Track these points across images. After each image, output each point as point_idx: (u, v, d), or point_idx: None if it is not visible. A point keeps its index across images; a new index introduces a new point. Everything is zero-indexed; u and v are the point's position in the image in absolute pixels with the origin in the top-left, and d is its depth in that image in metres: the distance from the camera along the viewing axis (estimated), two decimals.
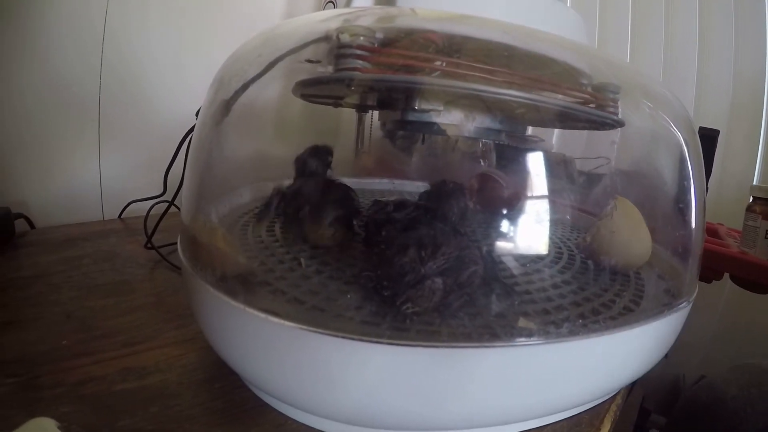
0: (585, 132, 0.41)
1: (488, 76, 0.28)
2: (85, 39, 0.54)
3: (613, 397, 0.29)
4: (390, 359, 0.19)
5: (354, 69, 0.24)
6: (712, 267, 0.43)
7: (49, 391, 0.24)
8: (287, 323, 0.19)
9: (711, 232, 0.53)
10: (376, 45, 0.26)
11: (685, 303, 0.29)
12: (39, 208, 0.53)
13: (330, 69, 0.26)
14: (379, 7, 0.28)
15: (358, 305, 0.22)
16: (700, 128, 0.41)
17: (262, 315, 0.19)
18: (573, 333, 0.23)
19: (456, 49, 0.28)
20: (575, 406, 0.26)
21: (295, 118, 0.40)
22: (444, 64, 0.27)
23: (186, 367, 0.27)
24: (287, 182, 0.34)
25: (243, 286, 0.22)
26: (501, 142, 0.34)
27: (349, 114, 0.42)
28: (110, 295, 0.36)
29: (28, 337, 0.29)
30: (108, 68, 0.56)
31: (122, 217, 0.58)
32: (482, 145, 0.36)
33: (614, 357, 0.25)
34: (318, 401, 0.21)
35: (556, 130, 0.41)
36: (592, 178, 0.41)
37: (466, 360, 0.20)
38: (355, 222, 0.29)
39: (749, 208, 0.46)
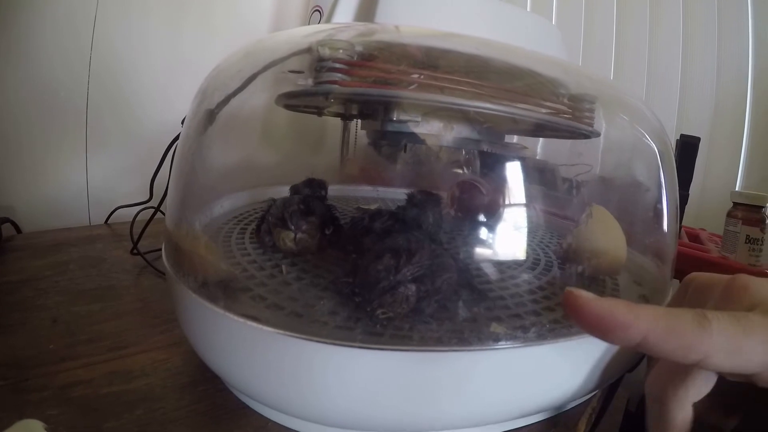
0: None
1: (465, 89, 0.30)
2: (73, 45, 0.56)
3: (589, 400, 0.31)
4: (363, 363, 0.21)
5: (333, 82, 0.26)
6: (693, 272, 0.45)
7: (36, 394, 0.26)
8: (265, 328, 0.21)
9: (692, 237, 0.55)
10: (355, 58, 0.27)
11: None
12: (26, 212, 0.54)
13: (310, 81, 0.27)
14: (362, 24, 0.29)
15: (334, 311, 0.24)
16: (681, 135, 0.42)
17: (242, 320, 0.21)
18: (542, 337, 0.24)
19: (434, 62, 0.30)
20: (548, 410, 0.28)
21: (280, 127, 0.42)
22: (421, 77, 0.29)
23: (170, 370, 0.29)
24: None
25: (224, 292, 0.24)
26: (485, 150, 0.36)
27: (334, 121, 0.44)
28: (96, 300, 0.37)
29: (16, 342, 0.31)
30: (95, 74, 0.58)
31: (109, 222, 0.59)
32: (465, 153, 0.38)
33: (585, 362, 0.26)
34: (296, 404, 0.22)
35: (542, 138, 0.42)
36: (575, 185, 0.43)
37: (436, 363, 0.21)
38: (326, 230, 0.31)
39: (729, 214, 0.48)
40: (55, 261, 0.45)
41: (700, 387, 0.19)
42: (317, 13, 0.60)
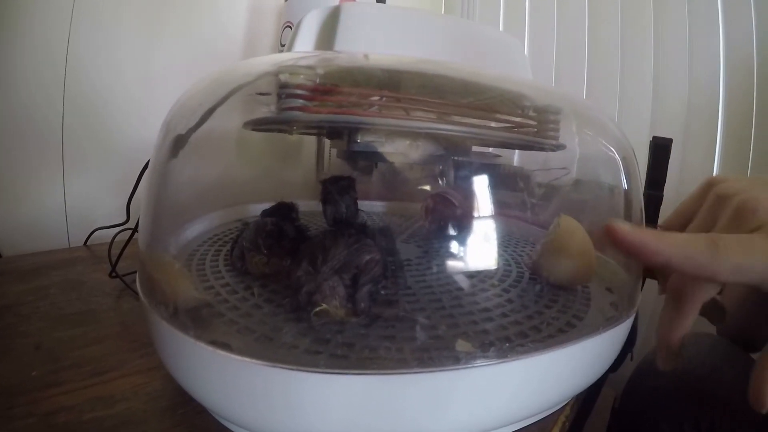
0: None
1: (428, 108, 0.32)
2: (47, 65, 0.59)
3: (562, 408, 0.33)
4: (330, 388, 0.22)
5: (295, 108, 0.28)
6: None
7: (21, 422, 0.28)
8: (233, 356, 0.23)
9: None
10: (318, 82, 0.29)
11: (625, 317, 0.32)
12: (5, 235, 0.57)
13: (273, 108, 0.30)
14: (325, 52, 0.31)
15: (303, 333, 0.26)
16: (654, 137, 0.45)
17: (211, 348, 0.23)
18: (504, 355, 0.26)
19: (396, 84, 0.32)
20: (519, 421, 0.29)
21: (254, 144, 0.44)
22: (383, 99, 0.31)
23: (151, 394, 0.31)
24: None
25: (194, 320, 0.26)
26: (457, 160, 0.38)
27: (309, 137, 0.46)
28: (77, 325, 0.40)
29: (0, 369, 0.33)
30: (70, 95, 0.60)
31: (88, 243, 0.62)
32: (445, 165, 0.40)
33: (553, 375, 0.28)
34: (270, 428, 0.24)
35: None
36: (551, 190, 0.45)
37: (398, 385, 0.23)
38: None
39: None
40: (36, 286, 0.47)
41: (709, 290, 0.25)
42: (288, 28, 0.63)
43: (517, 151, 0.46)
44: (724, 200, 0.26)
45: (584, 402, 0.38)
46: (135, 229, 0.49)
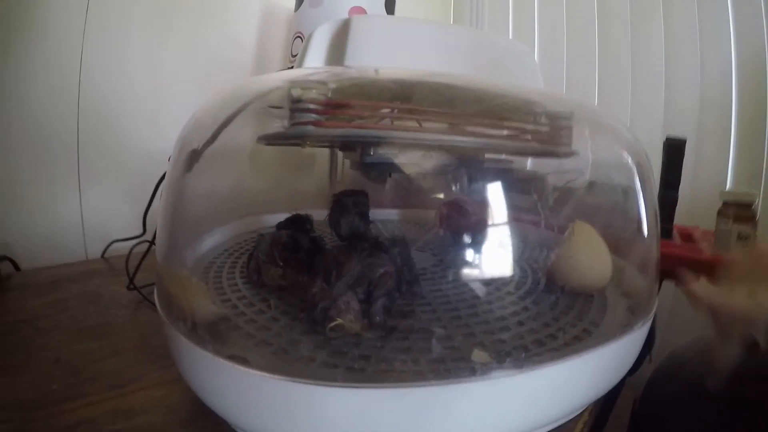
0: None
1: (439, 120, 0.32)
2: (61, 82, 0.60)
3: (580, 415, 0.33)
4: (346, 401, 0.23)
5: (307, 123, 0.29)
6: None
7: None
8: (252, 371, 0.23)
9: (686, 236, 0.57)
10: (329, 97, 0.30)
11: (642, 322, 0.32)
12: (24, 249, 0.58)
13: (286, 122, 0.30)
14: (337, 67, 0.32)
15: (320, 346, 0.26)
16: (668, 137, 0.45)
17: (230, 363, 0.24)
18: (520, 365, 0.26)
19: (408, 95, 0.33)
20: (536, 430, 0.29)
21: (268, 156, 0.45)
22: (395, 112, 0.32)
23: (170, 407, 0.31)
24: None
25: (212, 335, 0.26)
26: (470, 168, 0.38)
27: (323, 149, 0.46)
28: (96, 338, 0.41)
29: (20, 383, 0.33)
30: (85, 107, 0.62)
31: (105, 256, 0.63)
32: (459, 173, 0.40)
33: (570, 383, 0.28)
34: None
35: None
36: (565, 194, 0.45)
37: (414, 398, 0.23)
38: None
39: (720, 213, 0.50)
40: (55, 299, 0.48)
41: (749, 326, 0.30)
42: (299, 39, 0.64)
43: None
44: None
45: (603, 406, 0.38)
46: (152, 242, 0.50)
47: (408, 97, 0.32)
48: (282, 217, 0.40)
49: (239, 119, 0.31)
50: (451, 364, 0.26)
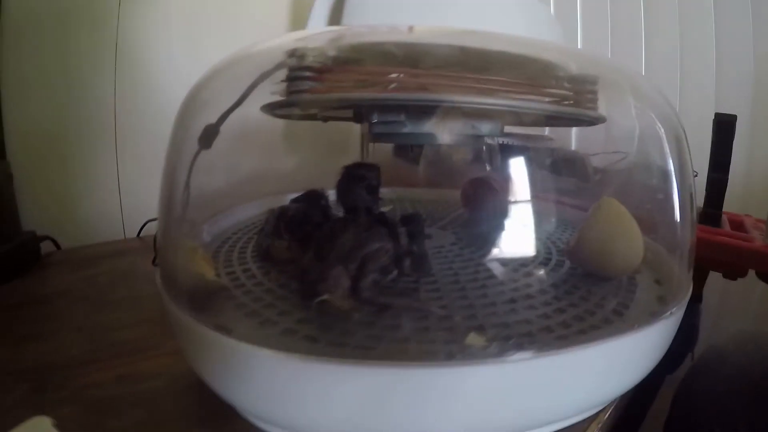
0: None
1: (451, 83, 0.30)
2: (98, 60, 0.63)
3: (595, 415, 0.30)
4: (322, 376, 0.22)
5: (304, 91, 0.28)
6: (735, 263, 0.42)
7: (55, 395, 0.30)
8: (232, 340, 0.23)
9: (736, 224, 0.51)
10: (330, 64, 0.29)
11: (672, 314, 0.29)
12: (64, 230, 0.62)
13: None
14: (342, 27, 0.30)
15: (303, 320, 0.26)
16: (716, 114, 0.40)
17: (213, 332, 0.24)
18: (513, 351, 0.24)
19: (417, 59, 0.31)
20: (535, 429, 0.27)
21: (299, 133, 0.45)
22: (401, 75, 0.30)
23: (174, 375, 0.32)
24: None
25: (202, 304, 0.26)
26: (506, 143, 0.36)
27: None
28: (120, 310, 0.42)
29: (45, 348, 0.36)
30: (122, 88, 0.64)
31: (141, 235, 0.65)
32: (485, 148, 0.38)
33: (576, 377, 0.25)
34: (279, 417, 0.24)
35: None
36: (608, 175, 0.42)
37: (393, 378, 0.22)
38: None
39: None
40: (88, 274, 0.51)
41: None
42: None
43: (573, 131, 0.44)
44: None
45: (633, 407, 0.35)
46: None
47: (414, 62, 0.30)
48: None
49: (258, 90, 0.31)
50: (444, 347, 0.24)
